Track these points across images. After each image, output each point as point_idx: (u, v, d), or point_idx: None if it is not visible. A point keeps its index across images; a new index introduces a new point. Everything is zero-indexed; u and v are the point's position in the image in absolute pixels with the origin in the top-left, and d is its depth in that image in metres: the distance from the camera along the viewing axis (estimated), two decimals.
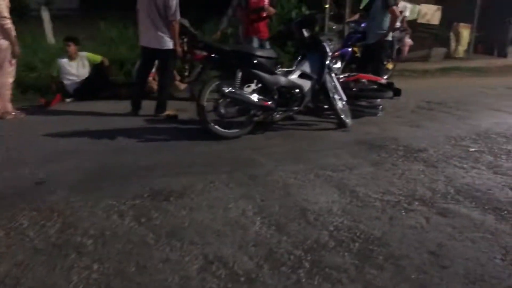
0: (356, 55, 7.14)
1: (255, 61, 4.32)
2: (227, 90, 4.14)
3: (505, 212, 2.95)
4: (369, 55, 6.30)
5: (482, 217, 2.87)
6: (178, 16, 5.00)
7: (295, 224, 2.70)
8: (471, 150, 4.21)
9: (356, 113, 5.29)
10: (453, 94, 6.95)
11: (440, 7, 10.40)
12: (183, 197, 3.02)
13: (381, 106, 5.55)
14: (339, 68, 6.52)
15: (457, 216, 2.87)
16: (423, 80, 8.32)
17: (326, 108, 5.09)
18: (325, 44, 4.79)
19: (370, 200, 3.07)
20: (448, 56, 10.42)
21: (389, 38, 6.15)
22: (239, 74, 4.25)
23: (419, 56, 9.87)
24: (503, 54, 10.93)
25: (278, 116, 4.64)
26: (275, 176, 3.45)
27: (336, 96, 4.87)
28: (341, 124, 4.86)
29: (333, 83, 4.91)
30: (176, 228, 2.61)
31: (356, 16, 7.84)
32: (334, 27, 8.61)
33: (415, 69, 8.84)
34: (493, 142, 4.46)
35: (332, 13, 8.62)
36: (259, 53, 4.44)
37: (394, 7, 5.85)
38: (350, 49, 6.94)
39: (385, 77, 6.60)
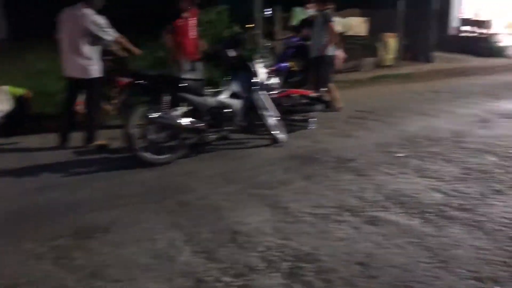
0: (293, 69, 7.28)
1: (182, 84, 4.27)
2: (152, 116, 4.05)
3: (430, 214, 3.05)
4: (312, 68, 6.49)
5: (408, 222, 2.95)
6: (115, 33, 4.83)
7: (225, 249, 2.64)
8: (398, 155, 4.35)
9: (290, 128, 5.35)
10: (383, 102, 7.20)
11: (366, 19, 10.84)
12: (108, 233, 2.88)
13: (314, 119, 5.64)
14: (278, 82, 6.61)
15: (386, 224, 2.93)
16: (355, 90, 8.56)
17: (260, 124, 5.10)
18: (250, 63, 4.82)
19: (301, 215, 3.07)
20: (378, 65, 10.82)
21: (330, 53, 6.28)
22: (166, 98, 4.18)
23: (350, 66, 10.16)
24: (428, 60, 11.52)
25: (211, 137, 4.60)
26: (207, 200, 3.38)
27: (267, 113, 4.90)
28: (274, 140, 4.88)
29: (263, 100, 4.95)
30: (99, 267, 2.48)
31: (289, 35, 8.06)
32: (266, 44, 8.73)
33: (347, 80, 9.08)
34: (419, 146, 4.64)
35: (259, 31, 8.75)
36: (186, 76, 4.41)
37: (331, 23, 6.04)
38: (286, 64, 7.06)
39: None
